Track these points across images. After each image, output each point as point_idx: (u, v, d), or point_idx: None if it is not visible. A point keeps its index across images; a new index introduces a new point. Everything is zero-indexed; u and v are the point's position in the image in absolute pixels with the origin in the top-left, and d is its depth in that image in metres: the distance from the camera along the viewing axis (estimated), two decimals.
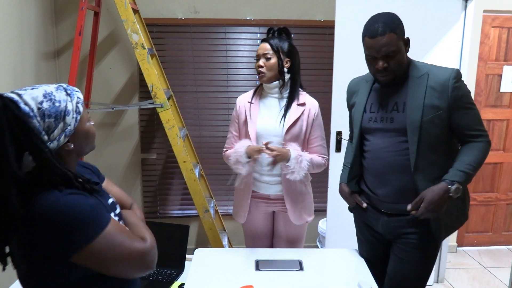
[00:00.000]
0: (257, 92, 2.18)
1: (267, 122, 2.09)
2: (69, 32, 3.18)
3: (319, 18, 3.31)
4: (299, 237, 2.23)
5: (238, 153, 2.04)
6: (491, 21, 3.36)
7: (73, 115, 1.09)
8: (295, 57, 2.10)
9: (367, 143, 1.79)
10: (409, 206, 1.62)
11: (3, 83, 2.31)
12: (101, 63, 3.27)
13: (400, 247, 1.74)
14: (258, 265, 1.88)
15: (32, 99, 1.02)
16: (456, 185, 1.56)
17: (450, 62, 2.87)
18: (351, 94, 1.91)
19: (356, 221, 1.98)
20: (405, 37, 1.62)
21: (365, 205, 1.82)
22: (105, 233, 1.05)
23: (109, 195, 1.26)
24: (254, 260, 1.92)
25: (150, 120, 3.41)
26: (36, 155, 1.00)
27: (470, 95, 1.64)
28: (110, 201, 1.24)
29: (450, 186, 1.56)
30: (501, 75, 3.46)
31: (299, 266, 1.87)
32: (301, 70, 2.17)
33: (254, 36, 3.33)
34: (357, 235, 2.00)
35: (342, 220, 2.97)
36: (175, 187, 3.53)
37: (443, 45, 2.83)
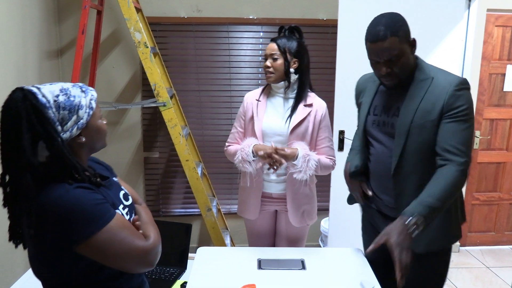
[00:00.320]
0: (265, 91, 2.17)
1: (273, 120, 2.08)
2: (72, 31, 3.18)
3: (322, 17, 3.31)
4: (300, 237, 2.22)
5: (245, 151, 2.03)
6: (494, 20, 3.35)
7: (86, 110, 1.16)
8: (303, 57, 2.07)
9: (371, 147, 1.76)
10: (371, 247, 1.46)
11: (7, 81, 2.32)
12: (104, 61, 3.27)
13: None
14: (261, 264, 1.87)
15: (49, 92, 1.10)
16: (415, 219, 1.39)
17: (453, 61, 2.86)
18: (359, 92, 1.85)
19: (362, 221, 1.96)
20: (411, 38, 1.54)
21: (370, 193, 1.76)
22: (107, 228, 1.09)
23: (121, 188, 1.32)
24: (257, 259, 1.92)
25: (153, 119, 3.42)
26: (49, 143, 1.07)
27: (469, 109, 1.49)
28: (122, 193, 1.30)
29: (407, 221, 1.39)
30: (504, 74, 3.45)
31: (302, 265, 1.87)
32: None
33: (257, 35, 3.33)
34: (362, 236, 1.98)
35: (345, 219, 2.97)
36: (177, 185, 3.53)
37: (446, 44, 2.82)
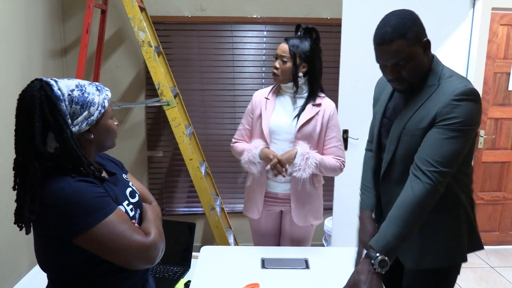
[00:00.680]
0: (275, 89, 2.17)
1: (281, 119, 2.08)
2: (76, 30, 3.19)
3: (326, 16, 3.30)
4: (305, 238, 2.21)
5: (251, 153, 2.04)
6: (499, 19, 3.33)
7: (97, 108, 1.18)
8: (314, 62, 2.05)
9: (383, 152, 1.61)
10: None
11: (11, 80, 2.33)
12: (108, 61, 3.28)
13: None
14: (264, 263, 1.88)
15: (65, 86, 1.14)
16: (380, 257, 1.33)
17: (458, 60, 2.85)
18: (381, 87, 1.68)
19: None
20: (425, 39, 1.40)
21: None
22: (106, 221, 1.11)
23: (129, 185, 1.33)
24: (260, 258, 1.92)
25: (157, 118, 3.42)
26: (58, 134, 1.10)
27: (463, 123, 1.32)
28: (129, 190, 1.31)
29: (373, 260, 1.35)
30: (509, 73, 3.43)
31: (305, 265, 1.87)
32: None
33: (261, 34, 3.33)
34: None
35: (348, 219, 2.97)
36: (181, 184, 3.54)
37: (451, 43, 2.81)
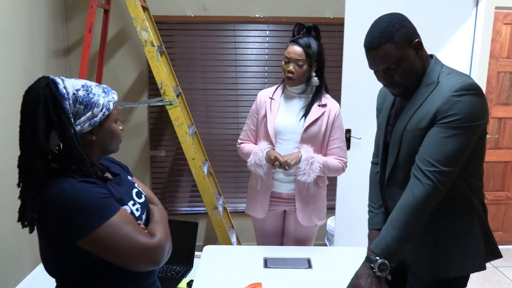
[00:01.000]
0: (279, 89, 2.16)
1: (286, 119, 2.08)
2: (79, 30, 3.20)
3: (329, 15, 3.30)
4: (308, 238, 2.21)
5: (258, 156, 2.04)
6: (503, 18, 3.32)
7: (102, 109, 1.17)
8: (322, 60, 2.06)
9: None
10: None
11: (14, 80, 2.33)
12: (111, 60, 3.29)
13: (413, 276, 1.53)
14: (267, 263, 1.88)
15: (71, 85, 1.15)
16: (380, 261, 1.33)
17: (461, 59, 2.84)
18: (383, 97, 1.62)
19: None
20: (415, 40, 1.35)
21: (389, 277, 1.39)
22: (110, 222, 1.09)
23: (135, 186, 1.32)
24: (263, 257, 1.92)
25: (159, 118, 3.43)
26: (61, 132, 1.11)
27: (464, 120, 1.27)
28: (135, 191, 1.30)
29: (373, 263, 1.34)
30: None
31: (308, 264, 1.87)
32: None
33: (263, 33, 3.32)
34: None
35: (351, 218, 2.97)
36: (183, 184, 3.54)
37: (454, 42, 2.80)
